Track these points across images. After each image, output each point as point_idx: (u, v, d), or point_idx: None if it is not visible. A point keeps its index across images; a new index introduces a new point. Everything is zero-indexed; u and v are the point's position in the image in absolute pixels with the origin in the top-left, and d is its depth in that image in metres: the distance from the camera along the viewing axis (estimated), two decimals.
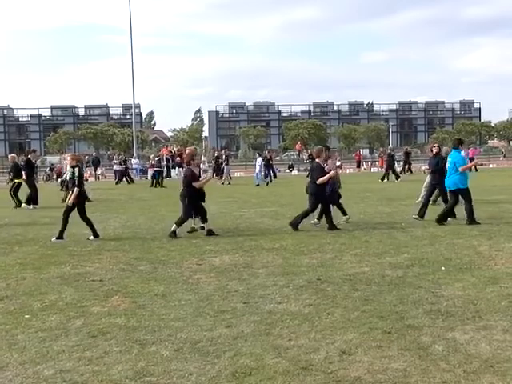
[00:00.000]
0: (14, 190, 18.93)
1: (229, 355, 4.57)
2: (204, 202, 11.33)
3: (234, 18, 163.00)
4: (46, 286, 7.14)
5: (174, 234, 10.84)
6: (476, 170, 34.05)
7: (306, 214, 11.46)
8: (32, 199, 18.44)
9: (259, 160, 29.70)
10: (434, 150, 13.14)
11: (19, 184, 19.10)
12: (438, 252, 8.59)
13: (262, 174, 30.61)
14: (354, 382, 4.01)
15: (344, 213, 12.23)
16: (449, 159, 11.81)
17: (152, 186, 28.75)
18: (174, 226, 10.95)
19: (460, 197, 11.63)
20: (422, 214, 12.17)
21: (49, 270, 8.09)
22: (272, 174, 31.42)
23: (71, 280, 7.45)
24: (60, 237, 10.83)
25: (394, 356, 4.45)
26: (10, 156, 21.29)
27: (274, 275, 7.38)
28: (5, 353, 4.79)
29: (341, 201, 12.38)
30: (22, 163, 19.38)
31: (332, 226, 11.21)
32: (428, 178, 13.89)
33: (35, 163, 19.34)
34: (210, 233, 11.03)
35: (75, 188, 10.78)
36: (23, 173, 18.88)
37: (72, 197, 10.79)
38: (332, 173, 11.60)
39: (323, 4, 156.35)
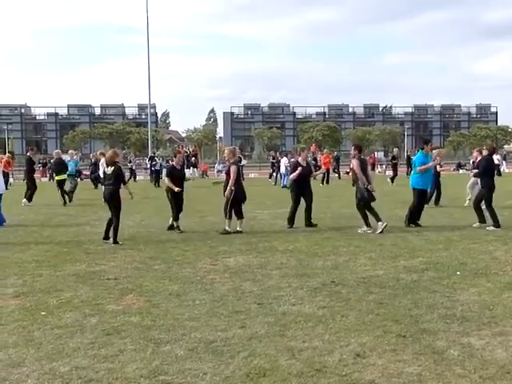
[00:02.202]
0: (60, 188, 19.06)
1: (243, 356, 4.58)
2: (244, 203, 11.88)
3: (252, 20, 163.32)
4: (62, 284, 7.21)
5: (178, 228, 11.64)
6: (499, 175, 33.81)
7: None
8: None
9: (284, 160, 27.77)
10: (483, 152, 12.79)
11: (62, 181, 19.22)
12: (453, 256, 8.54)
13: (275, 174, 30.57)
14: None
15: (367, 223, 11.45)
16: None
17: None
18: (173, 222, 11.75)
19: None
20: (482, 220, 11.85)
21: (64, 268, 8.16)
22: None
23: (86, 278, 7.51)
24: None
25: (409, 360, 4.43)
26: (54, 152, 21.13)
27: (287, 277, 7.38)
28: (22, 349, 4.84)
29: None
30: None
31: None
32: (472, 179, 14.27)
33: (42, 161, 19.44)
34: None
35: (126, 184, 11.09)
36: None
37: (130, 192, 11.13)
38: (298, 171, 12.15)
39: (341, 6, 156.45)
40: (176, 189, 11.57)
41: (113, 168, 10.63)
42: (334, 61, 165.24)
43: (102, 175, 12.91)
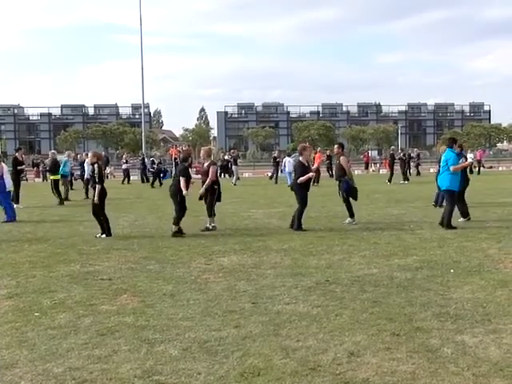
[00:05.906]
0: (55, 187, 19.05)
1: (237, 355, 4.58)
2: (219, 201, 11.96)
3: (246, 19, 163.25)
4: (56, 284, 7.18)
5: (178, 233, 10.95)
6: (471, 173, 34.00)
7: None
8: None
9: (289, 159, 27.44)
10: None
11: (57, 180, 19.25)
12: (446, 254, 8.56)
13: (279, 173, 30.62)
14: None
15: (351, 214, 12.28)
16: (442, 158, 11.79)
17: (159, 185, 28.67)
18: (173, 226, 11.02)
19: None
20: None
21: (58, 269, 8.13)
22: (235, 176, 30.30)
23: (80, 278, 7.48)
24: (109, 234, 11.16)
25: (403, 358, 4.43)
26: (50, 152, 21.30)
27: (282, 276, 7.38)
28: (15, 350, 4.82)
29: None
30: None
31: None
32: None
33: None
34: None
35: (97, 185, 10.95)
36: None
37: (96, 194, 10.96)
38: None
39: (337, 6, 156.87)
40: (185, 192, 11.03)
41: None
42: (328, 60, 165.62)
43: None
